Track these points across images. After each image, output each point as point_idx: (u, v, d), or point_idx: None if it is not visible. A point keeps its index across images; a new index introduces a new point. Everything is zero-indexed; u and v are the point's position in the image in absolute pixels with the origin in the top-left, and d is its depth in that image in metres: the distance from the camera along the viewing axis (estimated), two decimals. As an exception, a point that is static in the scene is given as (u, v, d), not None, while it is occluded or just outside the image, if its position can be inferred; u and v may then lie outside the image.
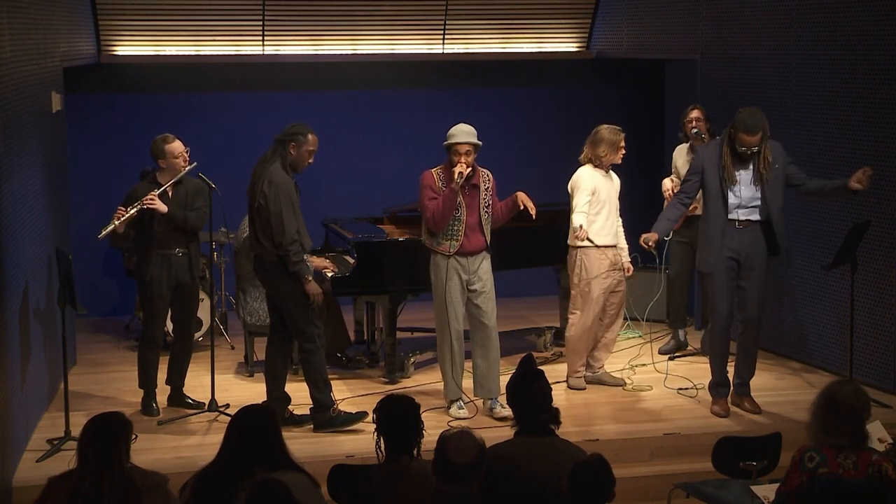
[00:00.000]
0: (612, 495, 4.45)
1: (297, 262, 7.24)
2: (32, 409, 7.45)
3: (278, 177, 7.22)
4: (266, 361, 7.60)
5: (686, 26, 9.91)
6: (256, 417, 4.76)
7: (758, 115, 7.37)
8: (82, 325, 9.88)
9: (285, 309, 7.39)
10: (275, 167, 7.26)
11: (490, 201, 7.63)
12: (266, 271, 7.40)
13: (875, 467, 4.83)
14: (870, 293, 8.13)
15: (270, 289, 7.47)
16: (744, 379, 7.82)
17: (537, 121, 11.20)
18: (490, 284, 7.64)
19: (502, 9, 10.76)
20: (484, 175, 7.64)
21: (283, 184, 7.21)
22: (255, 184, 7.33)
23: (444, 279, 7.52)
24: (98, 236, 7.56)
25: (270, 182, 7.21)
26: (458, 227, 7.51)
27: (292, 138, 7.28)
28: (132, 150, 10.16)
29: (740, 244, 7.53)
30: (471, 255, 7.56)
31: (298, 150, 7.28)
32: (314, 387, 7.44)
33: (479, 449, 4.54)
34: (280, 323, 7.50)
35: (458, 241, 7.52)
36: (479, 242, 7.57)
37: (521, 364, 5.21)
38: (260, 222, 7.30)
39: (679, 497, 6.33)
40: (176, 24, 10.25)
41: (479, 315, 7.61)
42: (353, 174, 10.80)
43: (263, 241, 7.29)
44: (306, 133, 7.30)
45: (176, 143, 7.70)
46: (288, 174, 7.27)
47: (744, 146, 7.38)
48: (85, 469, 4.47)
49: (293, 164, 7.30)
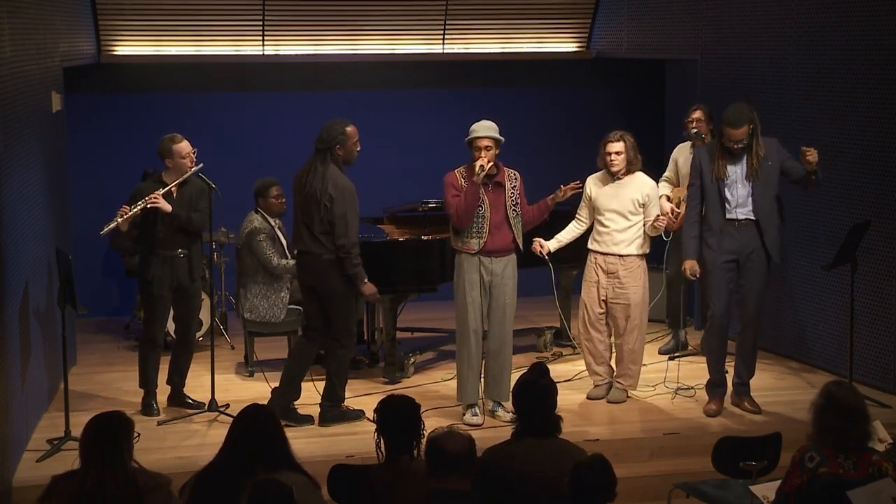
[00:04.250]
0: (613, 495, 4.45)
1: (357, 264, 7.41)
2: (32, 409, 7.45)
3: (343, 181, 7.39)
4: (294, 353, 7.74)
5: (686, 26, 9.91)
6: (260, 417, 4.77)
7: (742, 109, 7.37)
8: (82, 325, 9.88)
9: (334, 306, 7.47)
10: (333, 170, 7.39)
11: (517, 200, 7.58)
12: (318, 268, 7.44)
13: (875, 467, 4.83)
14: (870, 293, 8.13)
15: (321, 285, 7.48)
16: (743, 378, 7.82)
17: (537, 121, 11.20)
18: (511, 289, 7.57)
19: (502, 9, 10.76)
20: (510, 174, 7.60)
21: (348, 188, 7.39)
22: (315, 185, 7.35)
23: (465, 279, 7.52)
24: (101, 233, 7.56)
25: (336, 185, 7.35)
26: (483, 224, 7.47)
27: (335, 140, 7.41)
28: (132, 150, 10.17)
29: (740, 243, 7.53)
30: (495, 256, 7.50)
31: (345, 147, 7.44)
32: (337, 380, 7.58)
33: (469, 440, 4.59)
34: (317, 320, 7.57)
35: (482, 239, 7.48)
36: (506, 239, 7.52)
37: (532, 371, 5.19)
38: (320, 222, 7.37)
39: (679, 497, 6.33)
40: (176, 24, 10.25)
41: (497, 319, 7.58)
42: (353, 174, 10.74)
43: (323, 239, 7.38)
44: (343, 129, 7.44)
45: (184, 143, 7.69)
46: (344, 174, 7.43)
47: (730, 140, 7.38)
48: (88, 469, 4.47)
49: (346, 161, 7.48)
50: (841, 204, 8.36)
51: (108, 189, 9.95)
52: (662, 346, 9.25)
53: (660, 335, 9.52)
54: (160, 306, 7.77)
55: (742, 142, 7.37)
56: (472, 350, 7.55)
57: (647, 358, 8.91)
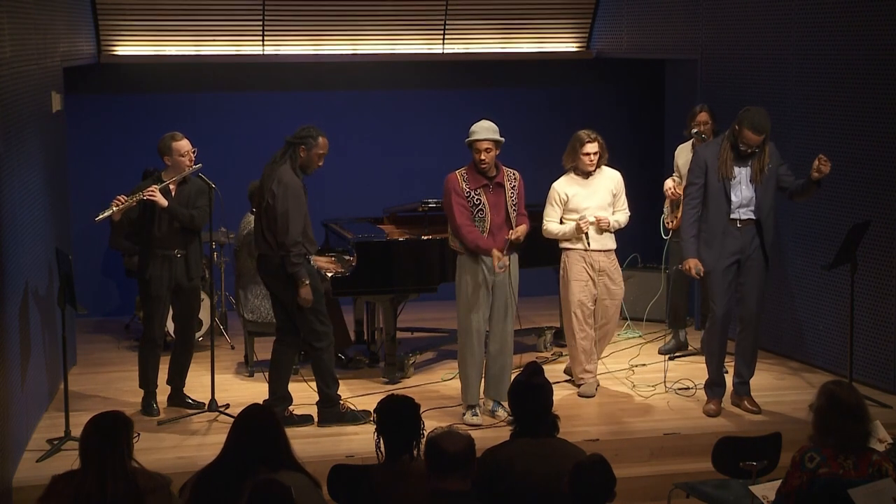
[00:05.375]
0: (613, 495, 4.45)
1: (296, 263, 7.25)
2: (32, 409, 7.45)
3: (288, 177, 7.25)
4: (272, 360, 7.61)
5: (686, 26, 9.91)
6: (261, 417, 4.77)
7: (767, 117, 7.37)
8: (82, 325, 9.88)
9: (294, 308, 7.39)
10: (285, 168, 7.29)
11: (517, 200, 7.57)
12: (272, 271, 7.39)
13: (875, 467, 4.83)
14: (870, 293, 8.13)
15: (278, 289, 7.45)
16: (743, 378, 7.82)
17: (537, 121, 11.20)
18: (513, 288, 7.54)
19: (502, 9, 10.76)
20: (510, 174, 7.58)
21: (292, 185, 7.24)
22: (265, 183, 7.35)
23: (467, 280, 7.51)
24: (95, 219, 7.54)
25: (280, 182, 7.24)
26: (483, 227, 7.46)
27: (303, 141, 7.31)
28: (132, 150, 10.17)
29: (742, 243, 7.53)
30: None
31: (308, 153, 7.31)
32: (323, 383, 7.50)
33: (468, 440, 4.59)
34: (287, 323, 7.51)
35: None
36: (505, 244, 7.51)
37: (525, 371, 5.20)
38: (267, 222, 7.31)
39: (679, 497, 6.33)
40: (176, 24, 10.24)
41: (498, 319, 7.57)
42: (353, 174, 10.80)
43: (270, 240, 7.30)
44: (317, 136, 7.33)
45: (184, 141, 7.69)
46: (298, 176, 7.30)
47: (746, 144, 7.38)
48: (88, 469, 4.47)
49: (303, 166, 7.33)
50: (841, 204, 8.36)
51: (107, 189, 9.91)
52: (662, 346, 9.25)
53: (660, 335, 9.53)
54: (158, 306, 7.77)
55: (757, 146, 7.38)
56: (476, 351, 7.54)
57: (647, 358, 8.94)
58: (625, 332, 9.67)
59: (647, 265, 10.16)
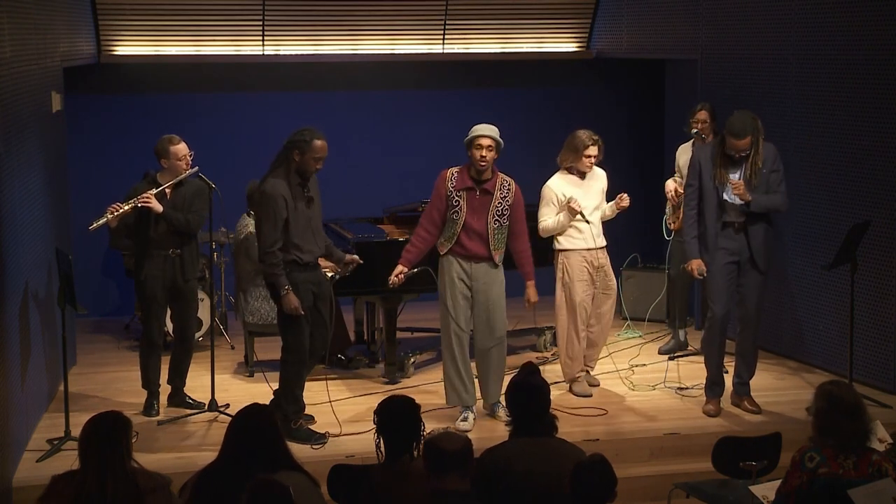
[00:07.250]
0: (613, 495, 4.46)
1: (273, 273, 7.05)
2: (32, 409, 7.45)
3: (268, 185, 7.04)
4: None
5: (686, 26, 9.91)
6: (259, 417, 4.77)
7: (746, 119, 7.33)
8: (82, 325, 9.89)
9: (278, 316, 7.28)
10: (276, 173, 7.10)
11: (505, 211, 7.44)
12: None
13: (875, 467, 4.84)
14: (870, 293, 8.13)
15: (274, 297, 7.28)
16: (743, 378, 7.82)
17: (537, 121, 11.19)
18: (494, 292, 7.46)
19: (502, 9, 10.76)
20: (503, 181, 7.47)
21: (268, 193, 7.01)
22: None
23: (445, 281, 7.51)
24: (89, 227, 7.53)
25: (261, 190, 7.10)
26: (454, 228, 7.43)
27: (296, 145, 7.07)
28: (132, 150, 10.16)
29: (739, 244, 7.53)
30: (475, 261, 7.45)
31: (302, 157, 7.05)
32: (281, 394, 7.31)
33: (466, 440, 4.61)
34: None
35: (451, 243, 7.44)
36: (479, 251, 7.42)
37: (521, 371, 5.20)
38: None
39: (679, 497, 6.33)
40: (176, 24, 10.25)
41: (481, 321, 7.52)
42: (353, 174, 10.80)
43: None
44: (311, 139, 7.06)
45: (181, 145, 7.68)
46: (291, 181, 7.06)
47: (732, 150, 7.38)
48: (87, 469, 4.47)
49: (298, 170, 7.08)
50: (841, 204, 8.36)
51: (107, 189, 9.91)
52: (662, 346, 9.25)
53: (660, 335, 9.53)
54: (154, 306, 7.76)
55: (744, 151, 7.37)
56: (455, 352, 7.48)
57: (647, 358, 8.94)
58: (625, 332, 9.67)
59: (648, 265, 10.16)
